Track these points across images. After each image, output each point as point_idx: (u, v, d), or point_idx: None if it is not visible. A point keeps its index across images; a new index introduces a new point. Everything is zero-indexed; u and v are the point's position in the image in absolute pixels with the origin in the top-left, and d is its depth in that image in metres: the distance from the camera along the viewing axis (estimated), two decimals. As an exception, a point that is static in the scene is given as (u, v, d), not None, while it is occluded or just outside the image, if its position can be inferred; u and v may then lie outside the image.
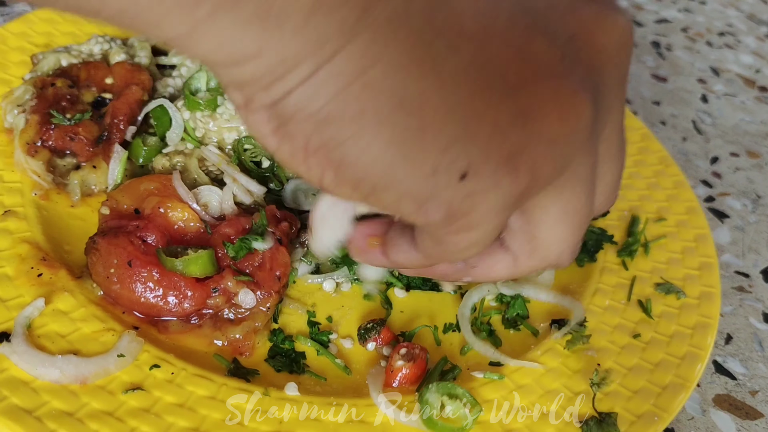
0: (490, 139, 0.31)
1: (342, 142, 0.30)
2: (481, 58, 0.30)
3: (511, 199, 0.33)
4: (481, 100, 0.31)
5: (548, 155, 0.33)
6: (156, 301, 0.52)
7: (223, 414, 0.48)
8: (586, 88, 0.33)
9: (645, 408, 0.53)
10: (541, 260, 0.40)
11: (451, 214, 0.33)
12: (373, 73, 0.29)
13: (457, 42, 0.30)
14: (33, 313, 0.51)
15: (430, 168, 0.31)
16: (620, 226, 0.70)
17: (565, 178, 0.35)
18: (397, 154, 0.30)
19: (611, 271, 0.66)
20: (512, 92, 0.31)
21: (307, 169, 0.32)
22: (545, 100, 0.32)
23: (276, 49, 0.28)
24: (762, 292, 0.73)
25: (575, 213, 0.37)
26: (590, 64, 0.34)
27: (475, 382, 0.54)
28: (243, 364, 0.53)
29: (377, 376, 0.53)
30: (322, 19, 0.27)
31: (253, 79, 0.29)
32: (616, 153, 0.40)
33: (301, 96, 0.29)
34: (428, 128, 0.30)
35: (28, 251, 0.55)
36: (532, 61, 0.32)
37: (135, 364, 0.50)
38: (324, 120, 0.29)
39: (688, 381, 0.55)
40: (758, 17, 1.18)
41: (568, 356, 0.57)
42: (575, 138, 0.33)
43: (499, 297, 0.62)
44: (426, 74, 0.29)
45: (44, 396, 0.46)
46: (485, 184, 0.32)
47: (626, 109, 0.83)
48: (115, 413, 0.46)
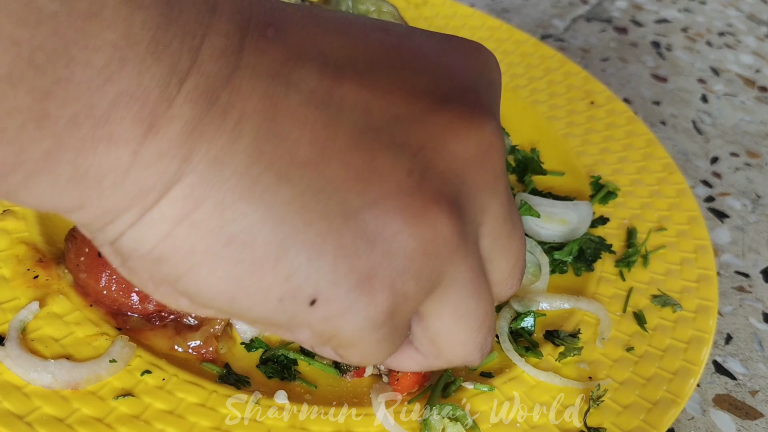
0: (335, 265, 0.30)
1: (179, 277, 0.30)
2: (317, 184, 0.30)
3: (378, 319, 0.32)
4: (321, 227, 0.30)
5: (408, 273, 0.32)
6: (118, 295, 0.53)
7: (211, 421, 0.49)
8: (441, 198, 0.32)
9: (634, 423, 0.53)
10: (449, 362, 0.39)
11: (317, 335, 0.32)
12: (198, 214, 0.28)
13: (288, 171, 0.29)
14: (27, 316, 0.51)
15: (276, 298, 0.30)
16: (620, 235, 0.70)
17: (446, 285, 0.34)
18: (237, 287, 0.30)
19: (608, 281, 0.65)
20: (355, 214, 0.30)
21: (162, 298, 0.32)
22: (393, 217, 0.31)
23: (97, 204, 0.28)
24: (762, 292, 0.73)
25: (469, 315, 0.36)
26: (447, 172, 0.33)
27: (465, 393, 0.54)
28: (235, 370, 0.53)
29: (380, 390, 0.53)
30: (141, 173, 0.27)
31: (86, 223, 0.29)
32: (505, 243, 0.38)
33: (131, 239, 0.29)
34: (264, 261, 0.29)
35: (26, 252, 0.55)
36: (375, 180, 0.31)
37: (127, 369, 0.50)
38: (158, 259, 0.29)
39: (679, 397, 0.55)
40: (758, 17, 1.17)
41: (559, 368, 0.57)
42: (437, 250, 0.32)
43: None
44: (253, 210, 0.29)
45: (36, 401, 0.47)
46: (339, 307, 0.31)
47: (632, 114, 0.83)
48: (105, 419, 0.47)
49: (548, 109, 0.85)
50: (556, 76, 0.89)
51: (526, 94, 0.87)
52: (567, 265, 0.67)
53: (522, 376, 0.56)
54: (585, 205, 0.71)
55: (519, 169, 0.77)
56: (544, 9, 1.16)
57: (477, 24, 0.95)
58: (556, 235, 0.69)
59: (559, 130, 0.82)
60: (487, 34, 0.94)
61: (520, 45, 0.93)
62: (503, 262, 0.38)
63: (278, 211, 0.29)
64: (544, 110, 0.85)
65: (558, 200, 0.72)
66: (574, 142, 0.81)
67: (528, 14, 1.13)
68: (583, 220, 0.70)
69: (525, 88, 0.88)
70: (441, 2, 0.97)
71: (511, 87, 0.87)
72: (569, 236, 0.69)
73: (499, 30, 0.95)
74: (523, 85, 0.88)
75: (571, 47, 1.08)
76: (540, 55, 0.92)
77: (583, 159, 0.79)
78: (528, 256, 0.66)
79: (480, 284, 0.36)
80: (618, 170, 0.77)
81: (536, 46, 0.93)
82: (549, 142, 0.81)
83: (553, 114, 0.84)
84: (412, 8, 0.96)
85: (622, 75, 1.04)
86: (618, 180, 0.76)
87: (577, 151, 0.80)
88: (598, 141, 0.81)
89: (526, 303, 0.62)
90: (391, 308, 0.32)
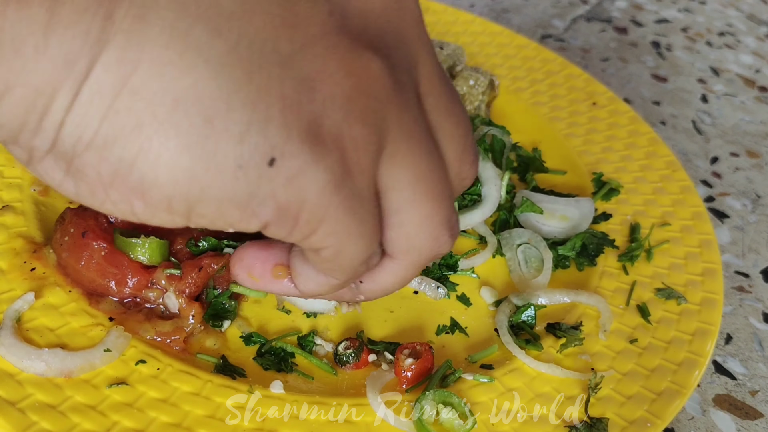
0: (284, 115, 0.29)
1: (132, 162, 0.28)
2: (248, 35, 0.29)
3: (336, 170, 0.31)
4: (261, 77, 0.29)
5: (351, 115, 0.31)
6: (96, 275, 0.52)
7: (205, 410, 0.48)
8: (366, 37, 0.32)
9: (638, 414, 0.52)
10: (420, 253, 0.37)
11: (283, 208, 0.31)
12: (137, 78, 0.27)
13: (218, 24, 0.28)
14: (23, 306, 0.51)
15: (234, 163, 0.29)
16: (622, 231, 0.69)
17: (395, 139, 0.33)
18: (193, 157, 0.28)
19: (611, 276, 0.64)
20: (290, 61, 0.30)
21: (114, 205, 0.30)
22: (326, 59, 0.31)
23: (25, 81, 0.26)
24: (762, 292, 0.72)
25: (426, 179, 0.35)
26: (367, 12, 0.33)
27: (464, 384, 0.53)
28: (231, 361, 0.53)
29: (377, 378, 0.53)
30: (62, 33, 0.25)
31: (20, 123, 0.27)
32: (448, 105, 0.37)
33: (72, 126, 0.27)
34: (214, 120, 0.28)
35: (23, 246, 0.55)
36: (300, 25, 0.30)
37: (121, 359, 0.50)
38: (105, 144, 0.28)
39: (684, 387, 0.54)
40: (758, 17, 1.17)
41: (560, 360, 0.56)
42: (374, 90, 0.32)
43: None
44: (193, 65, 0.28)
45: (29, 388, 0.46)
46: (299, 162, 0.30)
47: (635, 114, 0.82)
48: (97, 407, 0.46)
49: (550, 110, 0.85)
50: (558, 78, 0.89)
51: (527, 96, 0.87)
52: (569, 260, 0.66)
53: (522, 368, 0.55)
54: (586, 201, 0.70)
55: (521, 168, 0.76)
56: (544, 9, 1.16)
57: (478, 30, 0.96)
58: (557, 232, 0.68)
59: (561, 130, 0.82)
60: (489, 39, 0.95)
61: (521, 49, 0.93)
62: (451, 127, 0.37)
63: (217, 66, 0.28)
64: (546, 111, 0.85)
65: (560, 197, 0.72)
66: (576, 141, 0.80)
67: (528, 14, 1.13)
68: (585, 216, 0.69)
69: (526, 90, 0.88)
70: (442, 9, 0.98)
71: (512, 89, 0.87)
72: (570, 232, 0.68)
73: (500, 35, 0.95)
74: (524, 88, 0.88)
75: (571, 47, 1.08)
76: (541, 58, 0.92)
77: (585, 158, 0.78)
78: (531, 249, 0.66)
79: (430, 142, 0.35)
80: (621, 168, 0.77)
81: (537, 50, 0.93)
82: (551, 142, 0.81)
83: (554, 115, 0.84)
84: (414, 15, 0.96)
85: (622, 75, 1.03)
86: (621, 178, 0.75)
87: (579, 151, 0.79)
88: (601, 140, 0.80)
89: (525, 297, 0.61)
90: (346, 158, 0.31)
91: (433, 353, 0.54)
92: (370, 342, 0.56)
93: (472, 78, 0.77)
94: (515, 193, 0.71)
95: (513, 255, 0.65)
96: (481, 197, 0.68)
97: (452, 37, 0.94)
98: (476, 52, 0.92)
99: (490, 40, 0.95)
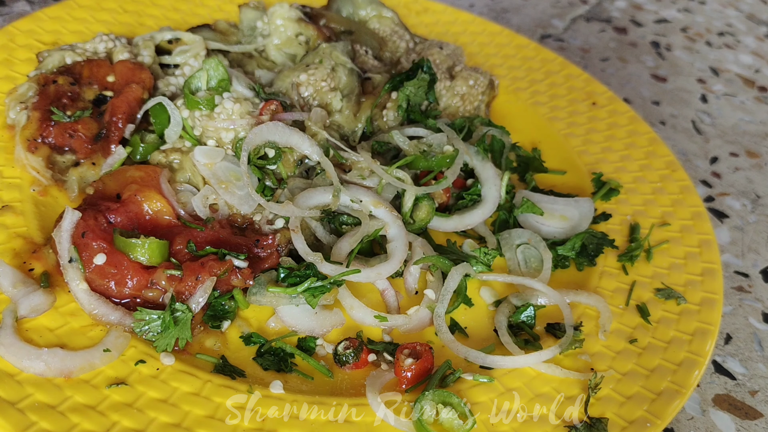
0: None
1: None
2: None
3: None
4: None
5: None
6: (96, 276, 0.52)
7: (205, 410, 0.48)
8: None
9: (638, 414, 0.52)
10: None
11: None
12: None
13: None
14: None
15: None
16: (622, 231, 0.69)
17: None
18: None
19: (611, 276, 0.65)
20: None
21: None
22: None
23: None
24: (761, 292, 0.72)
25: None
26: None
27: (464, 384, 0.53)
28: (231, 361, 0.53)
29: (377, 378, 0.53)
30: None
31: None
32: None
33: None
34: None
35: (22, 246, 0.55)
36: None
37: (121, 359, 0.50)
38: None
39: (684, 387, 0.54)
40: (758, 17, 1.17)
41: (560, 360, 0.56)
42: None
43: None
44: None
45: (28, 388, 0.46)
46: None
47: (634, 114, 0.82)
48: (97, 407, 0.46)
49: (549, 110, 0.85)
50: (557, 78, 0.89)
51: (526, 96, 0.87)
52: (569, 260, 0.66)
53: (522, 368, 0.55)
54: (586, 201, 0.70)
55: (521, 168, 0.76)
56: (544, 9, 1.16)
57: (478, 30, 0.96)
58: (557, 232, 0.68)
59: (561, 130, 0.82)
60: (488, 39, 0.94)
61: (520, 49, 0.93)
62: None
63: None
64: (545, 111, 0.85)
65: (559, 197, 0.72)
66: (575, 141, 0.80)
67: (528, 14, 1.13)
68: (585, 216, 0.69)
69: (526, 90, 0.88)
70: (442, 9, 0.98)
71: (511, 89, 0.87)
72: (570, 232, 0.68)
73: (500, 35, 0.95)
74: (524, 88, 0.88)
75: (570, 47, 1.08)
76: (541, 58, 0.92)
77: (584, 158, 0.78)
78: (531, 250, 0.66)
79: None
80: (620, 168, 0.77)
81: (537, 50, 0.93)
82: (550, 142, 0.81)
83: (554, 115, 0.84)
84: (413, 15, 0.96)
85: (621, 75, 1.03)
86: (620, 178, 0.75)
87: (579, 150, 0.79)
88: (600, 140, 0.80)
89: (524, 297, 0.61)
90: None
91: (432, 353, 0.54)
92: (370, 342, 0.56)
93: (471, 78, 0.77)
94: (515, 193, 0.71)
95: (513, 255, 0.65)
96: (481, 197, 0.68)
97: (451, 37, 0.94)
98: (476, 52, 0.92)
99: (489, 40, 0.94)
